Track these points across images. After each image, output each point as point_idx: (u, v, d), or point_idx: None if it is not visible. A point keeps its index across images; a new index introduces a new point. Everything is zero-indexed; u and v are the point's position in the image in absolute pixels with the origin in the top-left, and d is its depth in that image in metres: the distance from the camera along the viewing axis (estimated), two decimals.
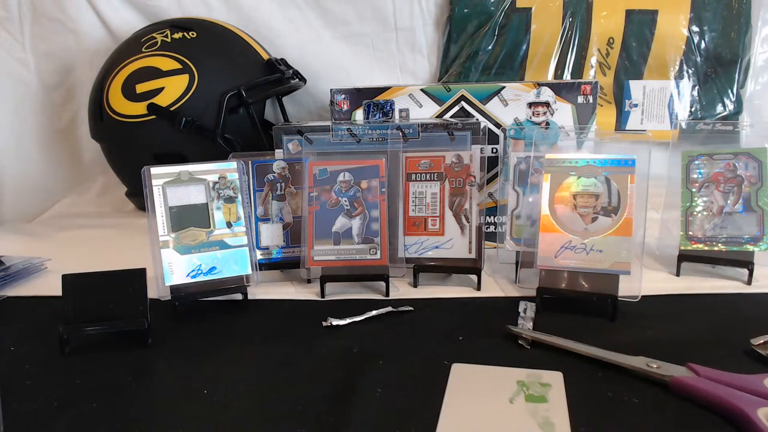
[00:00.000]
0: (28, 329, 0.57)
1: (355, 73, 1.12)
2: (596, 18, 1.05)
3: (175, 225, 0.60)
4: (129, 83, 0.91)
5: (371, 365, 0.48)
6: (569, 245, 0.59)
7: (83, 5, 1.10)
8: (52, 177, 1.16)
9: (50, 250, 0.76)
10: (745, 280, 0.63)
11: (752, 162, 0.64)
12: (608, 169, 0.60)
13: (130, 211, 1.06)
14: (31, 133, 1.15)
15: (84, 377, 0.47)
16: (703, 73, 1.06)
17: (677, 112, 1.06)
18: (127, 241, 0.86)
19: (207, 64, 0.91)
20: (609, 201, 0.60)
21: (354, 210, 0.64)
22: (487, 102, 0.77)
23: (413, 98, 0.78)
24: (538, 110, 0.76)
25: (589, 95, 0.75)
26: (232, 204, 0.62)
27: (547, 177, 0.61)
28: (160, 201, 0.60)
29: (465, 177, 0.66)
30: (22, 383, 0.46)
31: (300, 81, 1.02)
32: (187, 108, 0.89)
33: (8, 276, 0.68)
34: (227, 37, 0.98)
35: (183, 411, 0.42)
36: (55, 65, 1.14)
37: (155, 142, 0.91)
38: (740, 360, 0.47)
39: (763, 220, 0.63)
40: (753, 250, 0.63)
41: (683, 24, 1.03)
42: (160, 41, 0.93)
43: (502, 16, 1.05)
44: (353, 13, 1.10)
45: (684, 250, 0.66)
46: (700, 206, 0.65)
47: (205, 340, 0.54)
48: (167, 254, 0.59)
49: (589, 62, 1.06)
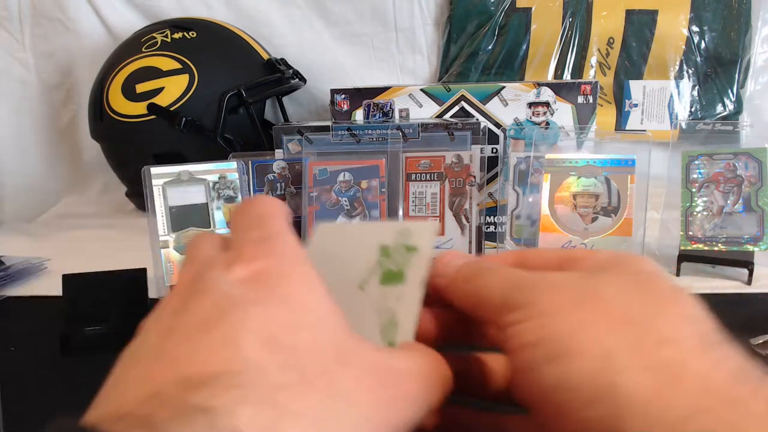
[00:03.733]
0: (28, 329, 0.57)
1: (355, 73, 1.12)
2: (596, 18, 1.05)
3: (175, 225, 0.60)
4: (129, 83, 0.91)
5: None
6: (569, 245, 0.59)
7: (83, 5, 1.10)
8: (52, 177, 1.16)
9: (50, 250, 0.76)
10: (745, 280, 0.63)
11: (752, 162, 0.64)
12: (608, 169, 0.61)
13: (130, 211, 1.05)
14: (31, 133, 1.15)
15: (84, 377, 0.47)
16: (703, 73, 1.06)
17: (677, 112, 1.06)
18: (127, 241, 0.86)
19: (207, 64, 0.91)
20: (609, 201, 0.60)
21: (354, 210, 0.64)
22: (487, 102, 0.77)
23: (413, 98, 0.78)
24: (538, 110, 0.76)
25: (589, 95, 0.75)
26: (232, 204, 0.62)
27: (547, 177, 0.62)
28: (160, 201, 0.60)
29: (465, 177, 0.66)
30: (22, 383, 0.46)
31: (300, 81, 1.02)
32: (187, 108, 0.89)
33: (8, 276, 0.68)
34: (227, 37, 0.98)
35: None
36: (55, 65, 1.14)
37: (155, 142, 0.91)
38: None
39: (763, 220, 0.63)
40: (753, 250, 0.63)
41: (683, 24, 1.03)
42: (160, 41, 0.93)
43: (502, 16, 1.05)
44: (353, 13, 1.10)
45: (684, 250, 0.66)
46: (700, 206, 0.65)
47: None
48: (167, 254, 0.59)
49: (589, 62, 1.06)
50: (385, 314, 0.30)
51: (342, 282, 0.31)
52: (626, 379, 0.19)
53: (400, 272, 0.31)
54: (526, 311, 0.22)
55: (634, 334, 0.20)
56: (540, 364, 0.21)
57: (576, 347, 0.20)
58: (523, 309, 0.22)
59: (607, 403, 0.19)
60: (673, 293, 0.22)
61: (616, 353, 0.19)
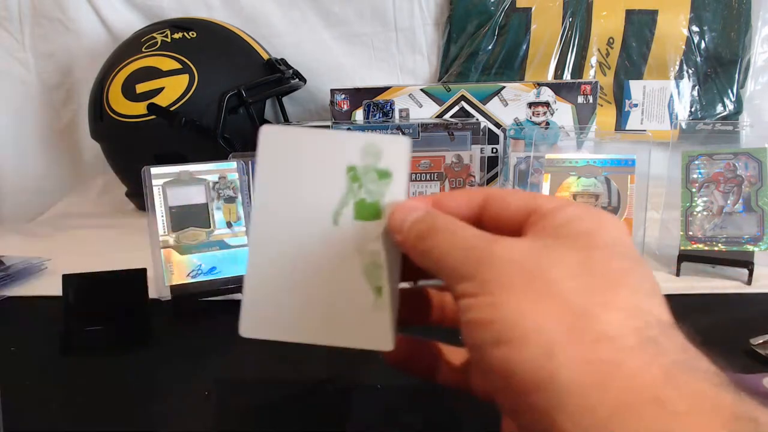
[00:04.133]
0: (28, 329, 0.57)
1: (355, 73, 1.12)
2: (596, 18, 1.05)
3: (175, 225, 0.60)
4: (129, 83, 0.91)
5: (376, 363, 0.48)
6: None
7: (83, 5, 1.10)
8: (52, 177, 1.16)
9: (50, 250, 0.76)
10: (745, 280, 0.63)
11: (752, 162, 0.64)
12: (608, 169, 0.61)
13: (130, 211, 1.05)
14: (31, 133, 1.15)
15: (84, 377, 0.47)
16: (703, 73, 1.06)
17: (677, 112, 1.06)
18: (127, 241, 0.86)
19: (207, 64, 0.91)
20: (609, 201, 0.60)
21: None
22: (487, 102, 0.77)
23: (413, 98, 0.78)
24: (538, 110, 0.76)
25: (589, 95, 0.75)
26: (232, 204, 0.62)
27: (547, 177, 0.62)
28: (160, 201, 0.60)
29: (465, 177, 0.66)
30: (22, 383, 0.46)
31: (300, 81, 1.02)
32: (187, 108, 0.89)
33: (8, 276, 0.68)
34: (227, 37, 0.98)
35: (183, 411, 0.42)
36: (55, 65, 1.14)
37: (155, 142, 0.91)
38: (740, 360, 0.47)
39: (763, 220, 0.63)
40: (753, 250, 0.63)
41: (683, 24, 1.03)
42: (160, 41, 0.93)
43: (502, 16, 1.05)
44: (353, 13, 1.10)
45: (684, 250, 0.66)
46: (700, 206, 0.65)
47: (205, 340, 0.53)
48: (167, 254, 0.59)
49: (589, 62, 1.06)
50: (366, 255, 0.27)
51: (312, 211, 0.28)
52: (564, 372, 0.19)
53: (375, 205, 0.28)
54: (477, 284, 0.22)
55: (576, 326, 0.20)
56: (487, 345, 0.21)
57: (521, 334, 0.21)
58: (474, 281, 0.23)
59: (546, 394, 0.20)
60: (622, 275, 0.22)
61: (557, 345, 0.20)
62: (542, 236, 0.24)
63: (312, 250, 0.28)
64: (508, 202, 0.26)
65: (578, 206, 0.25)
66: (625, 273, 0.22)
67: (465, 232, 0.25)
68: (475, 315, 0.22)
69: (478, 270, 0.23)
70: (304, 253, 0.28)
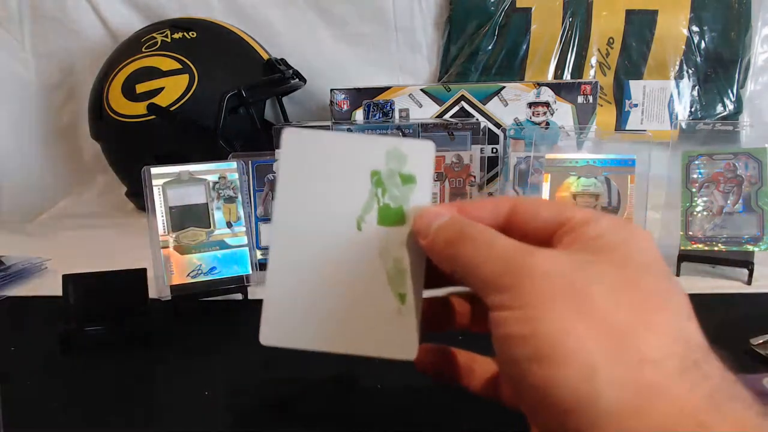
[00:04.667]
0: (28, 329, 0.57)
1: (355, 73, 1.12)
2: (596, 18, 1.05)
3: (175, 225, 0.60)
4: (129, 83, 0.91)
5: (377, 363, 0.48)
6: None
7: (83, 5, 1.10)
8: (52, 177, 1.16)
9: (50, 250, 0.76)
10: (745, 280, 0.63)
11: (752, 162, 0.64)
12: (608, 169, 0.61)
13: (130, 211, 1.05)
14: (31, 133, 1.15)
15: (84, 377, 0.47)
16: (703, 73, 1.06)
17: (677, 112, 1.06)
18: (127, 241, 0.86)
19: (207, 64, 0.91)
20: (609, 201, 0.60)
21: None
22: (487, 102, 0.77)
23: (413, 98, 0.78)
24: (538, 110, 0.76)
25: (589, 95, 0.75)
26: (232, 204, 0.62)
27: (547, 177, 0.62)
28: (160, 201, 0.60)
29: (465, 177, 0.66)
30: (22, 383, 0.46)
31: (300, 81, 1.02)
32: (187, 108, 0.89)
33: (8, 276, 0.68)
34: (227, 37, 0.98)
35: (183, 411, 0.42)
36: (55, 65, 1.13)
37: (155, 142, 0.91)
38: (740, 360, 0.47)
39: (763, 220, 0.63)
40: (753, 250, 0.63)
41: (683, 24, 1.03)
42: (160, 41, 0.93)
43: (502, 16, 1.05)
44: (353, 13, 1.10)
45: (684, 250, 0.66)
46: (700, 206, 0.65)
47: (205, 340, 0.54)
48: (167, 254, 0.59)
49: (589, 62, 1.06)
50: (389, 261, 0.27)
51: (334, 217, 0.27)
52: (607, 394, 0.19)
53: (399, 210, 0.27)
54: (513, 296, 0.22)
55: (619, 346, 0.20)
56: (524, 361, 0.21)
57: (562, 353, 0.20)
58: (510, 292, 0.22)
59: (585, 415, 0.19)
60: (663, 297, 0.22)
61: (600, 366, 0.19)
62: (577, 249, 0.23)
63: (334, 256, 0.27)
64: (538, 212, 0.25)
65: (610, 218, 0.24)
66: (666, 294, 0.22)
67: (501, 242, 0.24)
68: (512, 329, 0.21)
69: (516, 282, 0.22)
70: (326, 258, 0.27)
